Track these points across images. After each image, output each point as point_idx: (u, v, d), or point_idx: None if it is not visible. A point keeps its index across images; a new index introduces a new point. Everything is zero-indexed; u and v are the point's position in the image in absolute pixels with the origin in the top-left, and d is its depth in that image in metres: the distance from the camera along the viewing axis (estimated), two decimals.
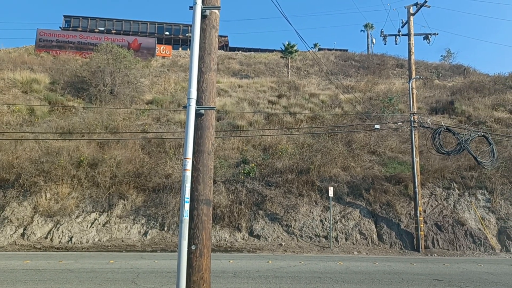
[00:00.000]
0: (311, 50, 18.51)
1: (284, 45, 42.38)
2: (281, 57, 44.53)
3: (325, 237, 18.28)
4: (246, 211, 18.94)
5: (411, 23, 20.95)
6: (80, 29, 49.34)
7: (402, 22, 21.63)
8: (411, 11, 21.08)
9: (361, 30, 65.14)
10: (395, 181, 20.88)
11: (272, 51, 53.81)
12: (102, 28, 50.51)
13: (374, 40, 29.21)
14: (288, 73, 41.94)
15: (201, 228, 5.73)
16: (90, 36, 44.79)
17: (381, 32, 22.60)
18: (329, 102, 31.28)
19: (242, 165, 21.50)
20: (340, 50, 56.35)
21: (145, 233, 17.90)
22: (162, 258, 14.44)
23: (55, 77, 31.02)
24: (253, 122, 26.21)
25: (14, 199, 18.44)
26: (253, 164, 21.23)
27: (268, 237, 18.07)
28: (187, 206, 5.52)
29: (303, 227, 18.63)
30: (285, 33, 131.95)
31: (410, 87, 20.13)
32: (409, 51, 20.71)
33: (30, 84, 28.84)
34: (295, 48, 42.22)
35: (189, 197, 5.59)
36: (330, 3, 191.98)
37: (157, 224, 18.28)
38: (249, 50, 56.15)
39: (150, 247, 16.97)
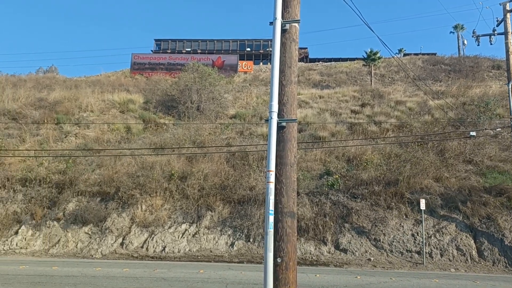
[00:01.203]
0: (395, 56, 17.77)
1: (366, 53, 41.23)
2: (364, 65, 43.36)
3: (418, 253, 17.19)
4: (331, 223, 18.55)
5: (508, 21, 19.20)
6: (169, 51, 52.75)
7: (497, 21, 19.93)
8: (507, 8, 19.34)
9: (451, 32, 60.96)
10: (496, 193, 19.03)
11: (353, 59, 52.64)
12: (189, 49, 53.50)
13: (465, 42, 27.25)
14: (371, 81, 40.66)
15: (286, 241, 5.71)
16: (178, 57, 47.71)
17: (473, 32, 21.01)
18: (417, 109, 29.62)
19: (325, 177, 21.16)
20: (428, 54, 53.35)
21: (232, 244, 18.34)
22: (249, 269, 14.65)
23: (148, 97, 33.45)
24: (335, 133, 25.73)
25: (114, 211, 20.06)
26: (337, 176, 20.79)
27: (356, 251, 17.48)
28: (271, 219, 5.54)
29: (393, 241, 17.73)
30: (367, 41, 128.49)
31: (510, 89, 18.38)
32: (507, 51, 18.96)
33: (126, 104, 31.40)
34: (378, 55, 40.87)
35: (273, 209, 5.62)
36: (414, 6, 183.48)
37: (243, 236, 18.64)
38: (329, 60, 55.49)
39: (237, 258, 17.33)
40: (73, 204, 20.44)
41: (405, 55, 54.89)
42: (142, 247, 18.60)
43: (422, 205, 17.51)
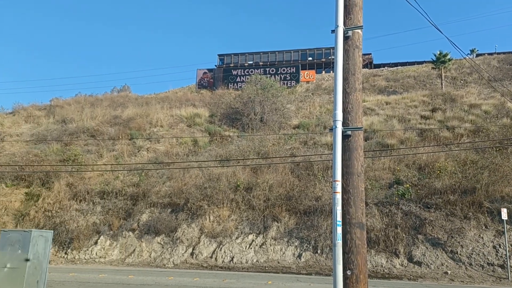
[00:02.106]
0: (467, 57, 16.74)
1: (435, 55, 39.30)
2: (433, 68, 41.32)
3: (501, 266, 15.85)
4: (403, 235, 17.72)
5: None
6: (232, 64, 54.07)
7: None
8: None
9: None
10: None
11: (421, 63, 50.38)
12: (251, 62, 54.45)
13: None
14: (441, 84, 38.61)
15: (356, 253, 5.53)
16: (241, 70, 48.75)
17: None
18: (494, 112, 27.58)
19: (395, 186, 20.32)
20: (504, 53, 49.64)
21: (299, 256, 18.15)
22: (317, 281, 14.39)
23: (213, 110, 34.47)
24: (404, 140, 24.66)
25: (184, 221, 20.76)
26: (407, 185, 19.88)
27: (431, 264, 16.51)
28: (339, 230, 5.41)
29: (471, 254, 16.52)
30: (435, 43, 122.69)
31: None
32: None
33: (193, 119, 32.59)
34: (448, 56, 38.77)
35: (341, 220, 5.48)
36: (485, 4, 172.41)
37: (310, 247, 18.38)
38: (395, 64, 53.57)
39: (304, 269, 17.11)
40: (146, 215, 21.45)
41: (478, 55, 51.53)
42: (211, 257, 19.01)
43: (504, 215, 16.17)
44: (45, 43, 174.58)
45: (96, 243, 20.78)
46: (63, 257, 20.43)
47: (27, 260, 10.99)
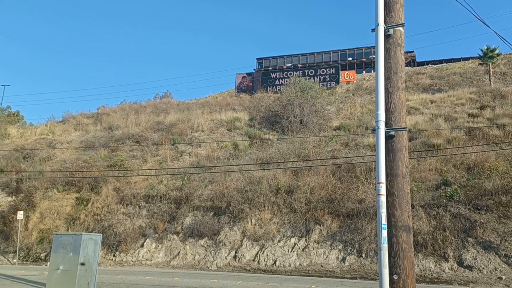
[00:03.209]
0: None
1: (482, 51, 37.64)
2: (480, 64, 39.57)
3: None
4: (452, 238, 17.02)
5: None
6: (270, 68, 54.21)
7: None
8: None
9: None
10: None
11: (467, 59, 48.40)
12: (289, 64, 54.36)
13: None
14: (490, 80, 36.88)
15: (402, 257, 5.39)
16: (279, 73, 48.81)
17: None
18: None
19: (442, 187, 19.56)
20: None
21: (343, 259, 17.86)
22: (362, 286, 14.10)
23: (252, 114, 34.69)
24: (451, 139, 23.72)
25: (226, 225, 20.98)
26: (456, 186, 19.09)
27: (483, 268, 15.74)
28: (384, 233, 5.29)
29: None
30: (481, 38, 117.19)
31: None
32: None
33: (233, 123, 32.94)
34: (496, 51, 37.00)
35: (386, 223, 5.36)
36: None
37: (354, 251, 18.04)
38: (440, 62, 51.73)
39: (349, 273, 16.81)
40: (190, 219, 21.86)
41: None
42: (253, 260, 19.08)
43: None
44: (92, 52, 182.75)
45: (142, 245, 21.40)
46: (112, 259, 21.19)
47: (82, 264, 11.49)
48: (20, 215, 22.47)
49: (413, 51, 53.00)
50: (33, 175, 26.81)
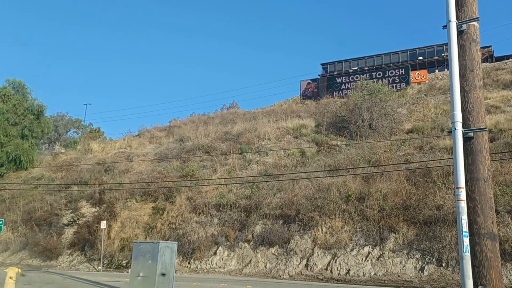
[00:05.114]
0: None
1: None
2: None
3: None
4: None
5: None
6: (336, 72, 53.41)
7: None
8: None
9: None
10: None
11: None
12: (355, 68, 53.19)
13: None
14: None
15: (488, 267, 5.00)
16: (345, 77, 47.94)
17: None
18: None
19: None
20: None
21: (421, 269, 16.95)
22: None
23: (318, 120, 34.35)
24: None
25: (296, 233, 20.86)
26: None
27: None
28: (466, 241, 4.95)
29: None
30: None
31: None
32: None
33: (299, 130, 32.85)
34: None
35: (467, 230, 5.01)
36: None
37: (433, 260, 17.05)
38: None
39: (428, 283, 15.91)
40: (260, 227, 22.06)
41: None
42: (326, 269, 18.75)
43: None
44: (165, 68, 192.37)
45: (215, 253, 21.95)
46: (187, 266, 21.97)
47: (163, 274, 12.04)
48: (103, 224, 24.12)
49: (490, 46, 49.45)
50: (114, 187, 28.73)
